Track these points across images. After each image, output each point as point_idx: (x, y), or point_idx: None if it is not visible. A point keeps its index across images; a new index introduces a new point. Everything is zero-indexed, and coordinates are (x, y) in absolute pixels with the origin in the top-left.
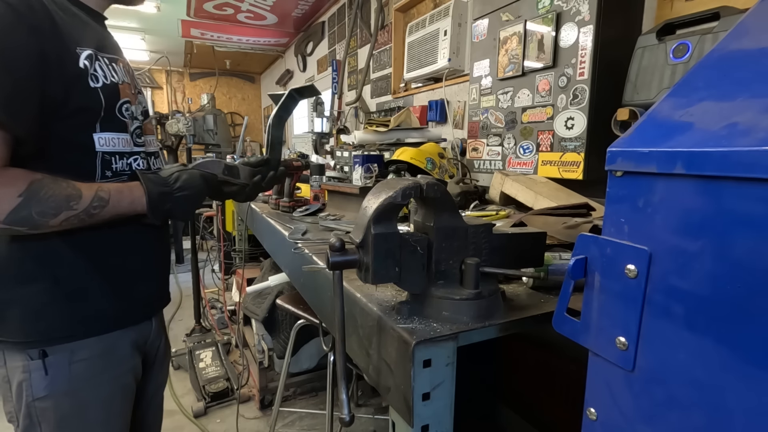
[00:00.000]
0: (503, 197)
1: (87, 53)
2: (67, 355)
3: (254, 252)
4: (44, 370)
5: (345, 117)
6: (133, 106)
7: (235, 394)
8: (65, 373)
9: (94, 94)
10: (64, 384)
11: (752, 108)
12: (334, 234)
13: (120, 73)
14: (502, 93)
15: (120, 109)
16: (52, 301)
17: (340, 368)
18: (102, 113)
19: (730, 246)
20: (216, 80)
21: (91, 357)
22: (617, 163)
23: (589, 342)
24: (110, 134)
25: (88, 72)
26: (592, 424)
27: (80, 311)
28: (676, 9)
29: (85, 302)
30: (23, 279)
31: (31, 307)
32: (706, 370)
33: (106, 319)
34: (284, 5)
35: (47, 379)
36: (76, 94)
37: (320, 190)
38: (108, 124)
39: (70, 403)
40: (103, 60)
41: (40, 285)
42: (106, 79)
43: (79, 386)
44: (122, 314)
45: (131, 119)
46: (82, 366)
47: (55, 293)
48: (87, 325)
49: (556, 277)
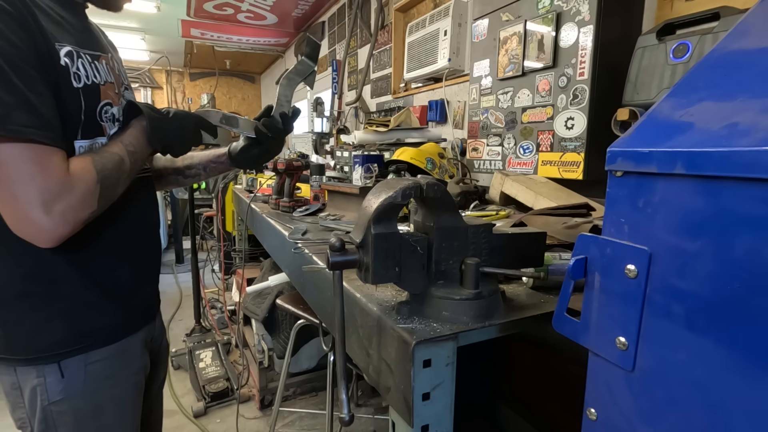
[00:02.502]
0: (503, 197)
1: (67, 50)
2: (82, 358)
3: (254, 252)
4: (60, 373)
5: (345, 117)
6: (114, 107)
7: (235, 394)
8: (81, 375)
9: (75, 96)
10: (80, 386)
11: (752, 108)
12: (334, 234)
13: (103, 72)
14: (502, 93)
15: (100, 113)
16: (55, 317)
17: (340, 368)
18: (83, 117)
19: (730, 246)
20: (216, 80)
21: (106, 358)
22: (617, 163)
23: (589, 342)
24: (88, 142)
25: (70, 70)
26: (592, 424)
27: (88, 326)
28: (676, 9)
29: (92, 317)
30: (24, 297)
31: (35, 325)
32: (706, 370)
33: (116, 329)
34: (284, 5)
35: (63, 382)
36: (60, 94)
37: (320, 190)
38: (87, 129)
39: (86, 404)
40: (85, 57)
41: (42, 303)
42: (87, 79)
43: (95, 387)
44: (129, 321)
45: (111, 122)
46: (98, 367)
47: (59, 309)
48: (96, 337)
49: (556, 277)
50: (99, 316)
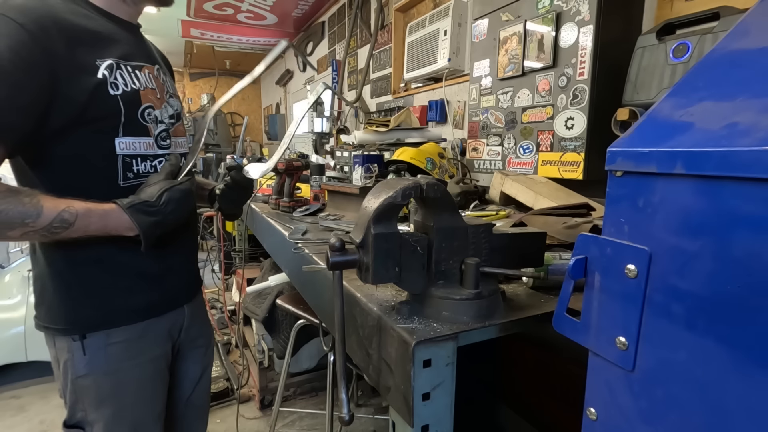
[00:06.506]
0: (503, 197)
1: (107, 63)
2: (103, 338)
3: (254, 252)
4: (83, 350)
5: (345, 117)
6: (157, 110)
7: (235, 394)
8: (102, 354)
9: (113, 102)
10: (102, 364)
11: (752, 108)
12: (334, 234)
13: (143, 80)
14: (502, 93)
15: (142, 114)
16: (85, 296)
17: (340, 368)
18: (123, 119)
19: (730, 246)
20: (216, 80)
21: (126, 340)
22: (617, 163)
23: (589, 342)
24: (131, 138)
25: (108, 81)
26: (592, 424)
27: (113, 304)
28: (676, 9)
29: (118, 296)
30: (58, 271)
31: (68, 299)
32: (706, 370)
33: (138, 311)
34: (284, 5)
35: (86, 359)
36: (96, 102)
37: (320, 190)
38: (130, 128)
39: (107, 382)
40: (125, 68)
41: (73, 280)
42: (126, 86)
43: (116, 367)
44: (153, 305)
45: (155, 123)
46: (118, 348)
47: (88, 287)
48: (119, 316)
49: (556, 277)
50: (125, 297)
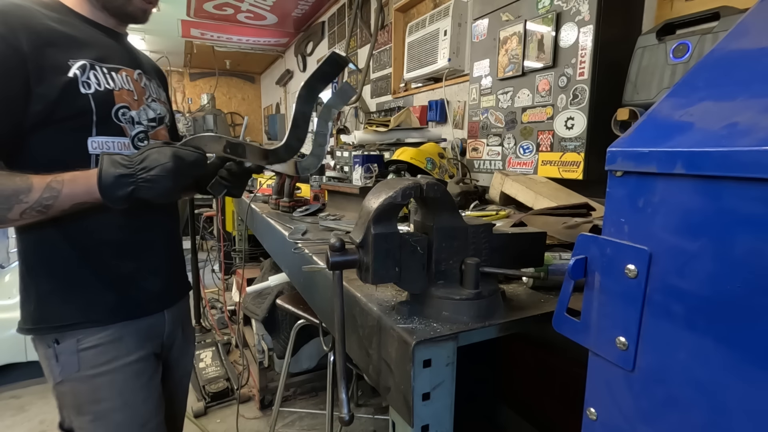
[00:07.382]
0: (503, 197)
1: (80, 63)
2: (74, 343)
3: (254, 252)
4: (56, 357)
5: (345, 117)
6: (133, 111)
7: (235, 394)
8: (74, 360)
9: (84, 100)
10: (75, 370)
11: (752, 108)
12: (334, 234)
13: (119, 81)
14: (502, 93)
15: (116, 114)
16: (53, 292)
17: (340, 368)
18: (95, 117)
19: (730, 246)
20: (216, 80)
21: (97, 345)
22: (617, 163)
23: (589, 342)
24: (105, 138)
25: (79, 80)
26: (592, 424)
27: (81, 302)
28: (676, 9)
29: (87, 294)
30: (30, 271)
31: (38, 296)
32: (706, 370)
33: (108, 310)
34: (284, 5)
35: (59, 366)
36: (67, 99)
37: (320, 190)
38: (103, 127)
39: (83, 388)
40: (100, 69)
41: (43, 277)
42: (99, 86)
43: (90, 373)
44: (125, 307)
45: (131, 124)
46: (91, 353)
47: (56, 285)
48: (88, 316)
49: (556, 277)
50: (94, 295)
